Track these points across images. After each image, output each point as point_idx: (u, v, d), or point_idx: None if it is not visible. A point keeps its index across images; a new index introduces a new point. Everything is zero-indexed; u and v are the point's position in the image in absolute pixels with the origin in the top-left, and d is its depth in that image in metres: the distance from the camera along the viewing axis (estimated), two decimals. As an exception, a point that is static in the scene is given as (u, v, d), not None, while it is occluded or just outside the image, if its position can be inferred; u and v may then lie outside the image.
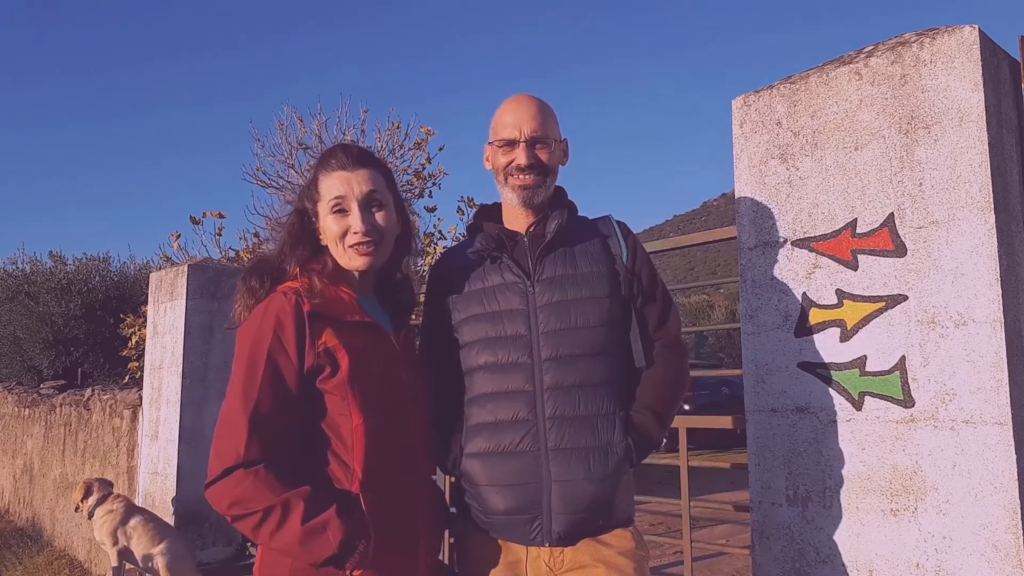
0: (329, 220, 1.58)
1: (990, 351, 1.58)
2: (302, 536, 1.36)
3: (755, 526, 1.93)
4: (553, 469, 1.54)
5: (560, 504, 1.53)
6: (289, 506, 1.36)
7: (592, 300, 1.61)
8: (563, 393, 1.57)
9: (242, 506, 1.37)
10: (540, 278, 1.62)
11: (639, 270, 1.69)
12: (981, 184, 1.61)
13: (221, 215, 8.44)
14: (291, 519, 1.36)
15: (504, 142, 1.67)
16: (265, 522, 1.36)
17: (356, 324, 1.53)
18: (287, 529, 1.36)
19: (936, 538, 1.63)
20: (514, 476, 1.55)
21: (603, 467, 1.55)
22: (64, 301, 13.81)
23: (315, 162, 1.68)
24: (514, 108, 1.69)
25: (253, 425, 1.40)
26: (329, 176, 1.60)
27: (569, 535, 1.55)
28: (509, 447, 1.56)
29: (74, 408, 6.94)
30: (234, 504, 1.37)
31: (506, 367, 1.59)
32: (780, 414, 1.88)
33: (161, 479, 5.14)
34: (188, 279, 5.15)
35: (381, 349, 1.55)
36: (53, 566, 6.03)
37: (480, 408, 1.61)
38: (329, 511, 1.38)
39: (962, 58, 1.65)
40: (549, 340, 1.58)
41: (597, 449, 1.56)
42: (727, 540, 5.39)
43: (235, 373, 1.46)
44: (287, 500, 1.36)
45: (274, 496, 1.36)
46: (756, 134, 1.99)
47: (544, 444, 1.55)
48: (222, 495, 1.38)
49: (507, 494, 1.55)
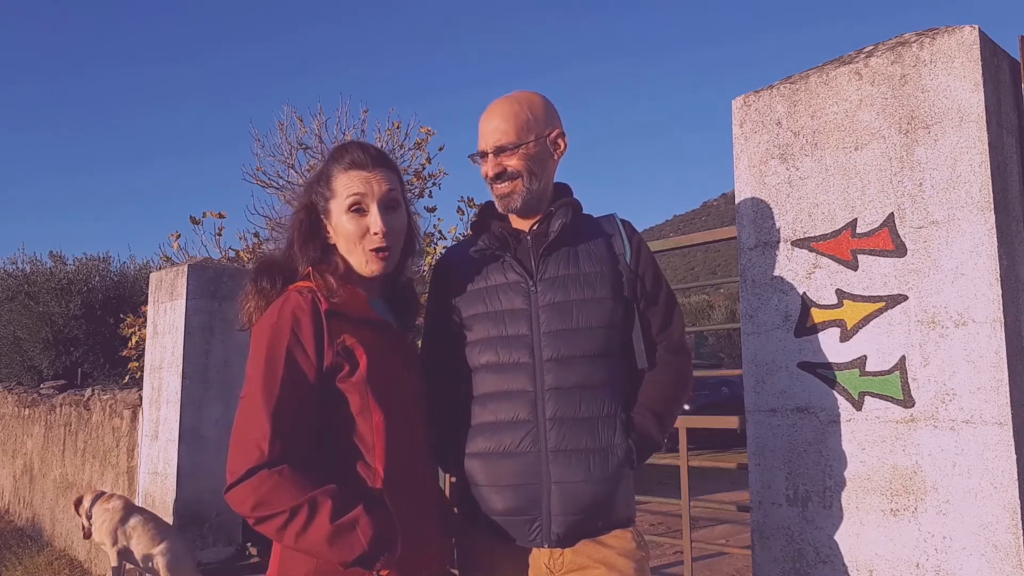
0: (345, 219, 1.53)
1: (990, 351, 1.58)
2: (331, 535, 1.31)
3: (755, 526, 1.93)
4: (553, 470, 1.54)
5: (559, 505, 1.53)
6: (316, 505, 1.32)
7: (594, 301, 1.61)
8: (564, 394, 1.56)
9: (267, 507, 1.32)
10: (543, 277, 1.62)
11: (643, 271, 1.68)
12: (981, 184, 1.61)
13: (221, 215, 8.45)
14: (319, 518, 1.31)
15: (478, 154, 1.69)
16: (291, 522, 1.31)
17: (370, 323, 1.51)
18: (315, 528, 1.31)
19: (936, 538, 1.63)
20: (514, 477, 1.55)
21: (603, 468, 1.55)
22: (64, 301, 13.81)
23: (328, 156, 1.62)
24: (484, 118, 1.69)
25: (275, 423, 1.35)
26: (346, 173, 1.54)
27: (568, 536, 1.54)
28: (509, 448, 1.56)
29: (74, 408, 6.94)
30: (258, 505, 1.32)
31: (507, 367, 1.59)
32: (780, 414, 1.88)
33: (161, 479, 5.14)
34: (188, 279, 5.15)
35: (393, 348, 1.55)
36: (53, 566, 6.03)
37: (481, 408, 1.61)
38: (357, 508, 1.34)
39: (962, 58, 1.65)
40: (551, 340, 1.58)
41: (597, 451, 1.56)
42: (727, 540, 5.39)
43: (252, 371, 1.41)
44: (314, 499, 1.32)
45: (300, 495, 1.32)
46: (756, 134, 1.99)
47: (544, 445, 1.55)
48: (245, 497, 1.33)
49: (507, 495, 1.55)
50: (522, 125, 1.65)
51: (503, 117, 1.66)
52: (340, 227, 1.54)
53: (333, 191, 1.55)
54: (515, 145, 1.64)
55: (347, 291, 1.50)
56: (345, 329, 1.45)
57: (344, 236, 1.53)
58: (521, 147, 1.64)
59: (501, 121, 1.65)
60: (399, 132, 9.33)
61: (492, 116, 1.67)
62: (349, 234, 1.52)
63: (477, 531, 1.61)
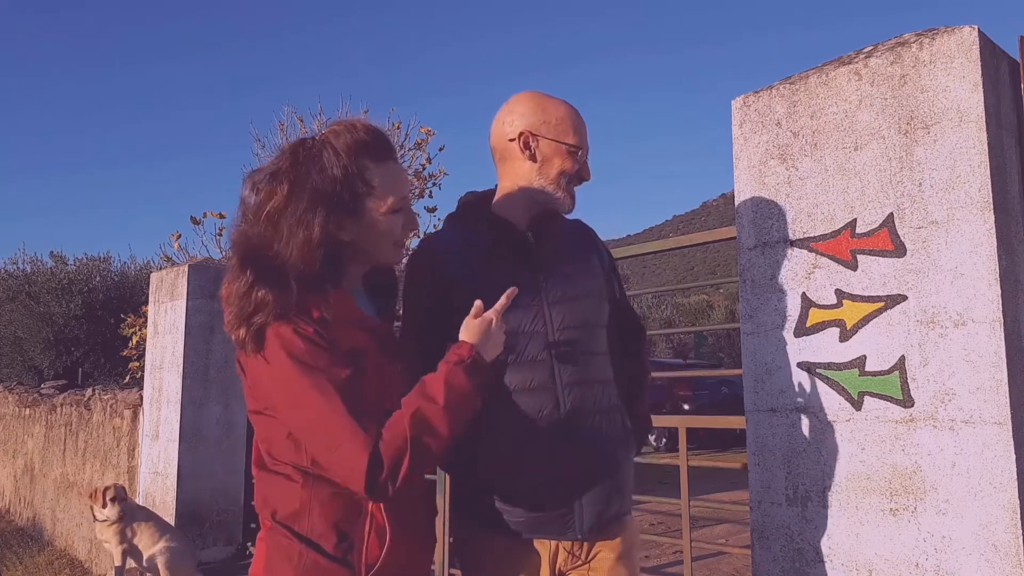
0: (387, 220, 1.44)
1: (989, 351, 1.58)
2: (462, 384, 1.35)
3: (754, 526, 1.93)
4: (578, 463, 1.56)
5: (589, 495, 1.57)
6: (426, 395, 1.33)
7: (595, 296, 1.69)
8: (584, 388, 1.60)
9: (400, 455, 1.28)
10: (550, 273, 1.63)
11: (613, 267, 1.81)
12: (980, 184, 1.61)
13: (222, 215, 8.44)
14: (439, 395, 1.32)
15: (573, 148, 1.66)
16: (428, 418, 1.30)
17: (363, 326, 1.47)
18: (451, 390, 1.33)
19: (935, 538, 1.63)
20: (542, 472, 1.55)
21: (622, 455, 1.64)
22: (65, 301, 13.82)
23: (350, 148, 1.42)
24: (576, 117, 1.69)
25: (352, 413, 1.28)
26: (382, 168, 1.44)
27: (596, 526, 1.58)
28: (535, 444, 1.55)
29: (75, 408, 6.95)
30: (395, 465, 1.27)
31: (525, 364, 1.58)
32: (780, 414, 1.89)
33: (162, 479, 5.14)
34: (189, 279, 5.15)
35: (382, 345, 1.50)
36: (54, 566, 6.04)
37: (501, 406, 1.57)
38: (440, 370, 1.37)
39: (961, 58, 1.66)
40: (564, 335, 1.60)
41: (614, 439, 1.63)
42: (727, 540, 5.39)
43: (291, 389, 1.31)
44: (413, 406, 1.31)
45: (403, 421, 1.29)
46: (756, 134, 1.99)
47: (568, 438, 1.57)
48: (385, 475, 1.27)
49: (537, 491, 1.55)
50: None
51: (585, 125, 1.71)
52: (378, 225, 1.44)
53: (373, 187, 1.42)
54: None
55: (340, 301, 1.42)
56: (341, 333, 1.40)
57: (383, 234, 1.46)
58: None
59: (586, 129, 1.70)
60: (399, 132, 9.33)
61: (582, 120, 1.70)
62: (392, 233, 1.46)
63: (491, 532, 1.58)
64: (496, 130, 1.70)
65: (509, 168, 1.69)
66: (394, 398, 1.42)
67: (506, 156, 1.69)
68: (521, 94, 1.72)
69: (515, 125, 1.66)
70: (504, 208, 1.69)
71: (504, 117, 1.69)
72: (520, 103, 1.69)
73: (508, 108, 1.70)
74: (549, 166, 1.65)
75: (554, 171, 1.65)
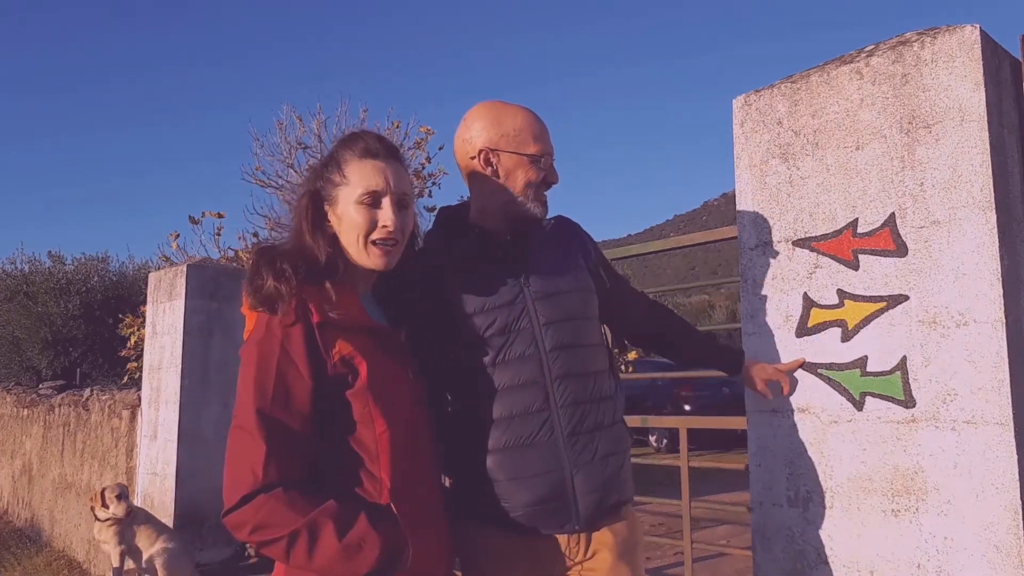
0: (353, 210, 1.45)
1: (991, 351, 1.57)
2: (339, 554, 1.29)
3: (756, 527, 1.92)
4: (572, 454, 1.57)
5: (584, 485, 1.57)
6: (317, 526, 1.28)
7: (578, 291, 1.68)
8: (572, 380, 1.60)
9: (266, 531, 1.29)
10: (533, 272, 1.64)
11: (600, 260, 1.80)
12: (982, 184, 1.61)
13: (220, 215, 8.45)
14: (323, 539, 1.28)
15: (535, 156, 1.65)
16: (294, 546, 1.28)
17: (365, 328, 1.46)
18: (321, 550, 1.28)
19: (937, 539, 1.62)
20: (537, 466, 1.56)
21: (615, 445, 1.64)
22: (63, 301, 13.81)
23: (340, 141, 1.54)
24: (535, 122, 1.68)
25: (270, 445, 1.31)
26: (361, 163, 1.47)
27: (593, 517, 1.59)
28: (529, 438, 1.57)
29: (73, 408, 6.94)
30: (256, 530, 1.30)
31: (514, 361, 1.59)
32: (781, 414, 1.88)
33: (160, 479, 5.13)
34: (187, 279, 5.14)
35: (388, 350, 1.50)
36: (52, 567, 6.03)
37: (492, 403, 1.59)
38: (363, 524, 1.31)
39: (963, 57, 1.65)
40: (550, 331, 1.61)
41: (607, 429, 1.63)
42: (728, 541, 5.38)
43: (243, 392, 1.36)
44: (313, 520, 1.29)
45: (300, 518, 1.28)
46: (757, 134, 1.99)
47: (561, 431, 1.58)
48: (243, 522, 1.31)
49: (533, 485, 1.56)
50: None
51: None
52: (347, 216, 1.46)
53: (345, 178, 1.47)
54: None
55: (344, 300, 1.44)
56: (340, 338, 1.40)
57: (351, 226, 1.47)
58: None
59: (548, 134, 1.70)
60: (398, 132, 9.32)
61: (542, 125, 1.69)
62: (357, 225, 1.46)
63: (491, 529, 1.59)
64: (458, 148, 1.70)
65: (477, 184, 1.69)
66: (399, 401, 1.44)
67: (471, 174, 1.69)
68: (477, 107, 1.71)
69: (474, 143, 1.66)
70: (480, 220, 1.70)
71: (463, 135, 1.69)
72: (477, 119, 1.68)
73: (466, 125, 1.69)
74: (514, 179, 1.65)
75: (520, 183, 1.65)
